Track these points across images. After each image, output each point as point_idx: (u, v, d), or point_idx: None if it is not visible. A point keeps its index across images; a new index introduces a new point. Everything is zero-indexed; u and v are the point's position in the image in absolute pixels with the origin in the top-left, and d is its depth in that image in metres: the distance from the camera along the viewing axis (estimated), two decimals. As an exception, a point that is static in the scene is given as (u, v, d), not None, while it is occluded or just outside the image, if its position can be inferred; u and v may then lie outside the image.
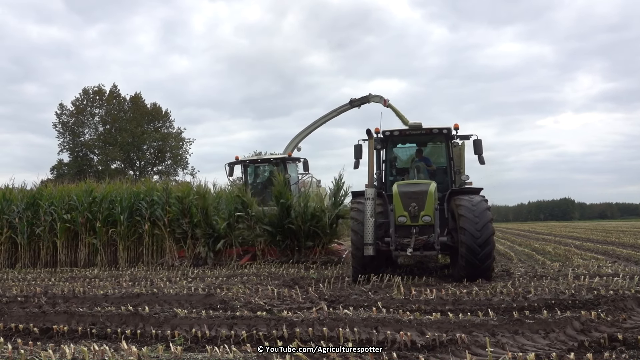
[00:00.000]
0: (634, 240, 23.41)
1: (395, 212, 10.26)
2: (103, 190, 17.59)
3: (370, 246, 9.90)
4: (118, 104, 54.69)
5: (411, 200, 10.19)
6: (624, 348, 4.98)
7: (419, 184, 10.52)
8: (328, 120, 20.45)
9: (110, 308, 7.71)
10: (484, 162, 11.12)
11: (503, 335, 5.53)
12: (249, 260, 14.47)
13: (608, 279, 10.08)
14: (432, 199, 10.20)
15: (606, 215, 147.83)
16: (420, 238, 9.98)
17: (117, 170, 48.11)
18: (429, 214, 10.17)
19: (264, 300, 8.23)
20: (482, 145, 11.11)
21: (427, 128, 11.57)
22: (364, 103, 19.62)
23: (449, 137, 11.53)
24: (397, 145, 12.34)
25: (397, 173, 12.25)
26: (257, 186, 17.82)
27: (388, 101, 18.53)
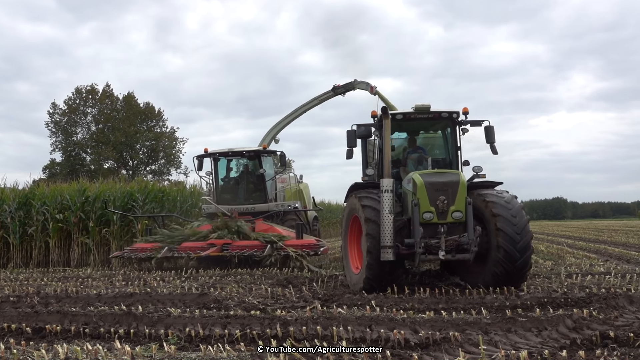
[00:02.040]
0: (626, 239, 23.56)
1: (420, 207, 8.40)
2: (96, 190, 17.57)
3: (390, 249, 8.15)
4: (111, 103, 54.52)
5: (439, 193, 8.44)
6: (616, 345, 5.02)
7: (447, 174, 8.81)
8: (310, 109, 18.85)
9: (103, 308, 7.69)
10: (496, 152, 9.77)
11: (496, 334, 5.55)
12: (216, 252, 13.31)
13: (600, 277, 10.15)
14: (463, 191, 8.49)
15: (598, 214, 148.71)
16: (450, 238, 8.32)
17: (110, 170, 47.93)
18: (460, 209, 8.41)
19: (258, 300, 8.24)
20: (495, 132, 9.79)
21: (435, 111, 9.88)
22: (348, 90, 17.89)
23: (458, 123, 9.96)
24: (394, 132, 10.52)
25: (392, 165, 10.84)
26: (229, 182, 16.58)
27: (375, 88, 16.63)
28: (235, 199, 15.99)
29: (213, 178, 16.11)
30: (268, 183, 16.04)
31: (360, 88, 17.44)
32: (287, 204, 16.06)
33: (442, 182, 8.50)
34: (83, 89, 54.04)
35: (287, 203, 16.19)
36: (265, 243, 13.31)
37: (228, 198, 16.03)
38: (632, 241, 22.04)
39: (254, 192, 16.18)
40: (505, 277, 8.43)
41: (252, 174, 16.28)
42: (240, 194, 16.21)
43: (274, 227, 14.42)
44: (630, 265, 12.71)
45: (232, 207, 15.38)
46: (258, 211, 15.44)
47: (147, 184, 19.48)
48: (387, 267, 8.36)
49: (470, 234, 8.24)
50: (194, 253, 13.18)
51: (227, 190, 16.33)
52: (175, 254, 13.43)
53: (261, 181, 15.94)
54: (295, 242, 13.39)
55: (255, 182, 16.19)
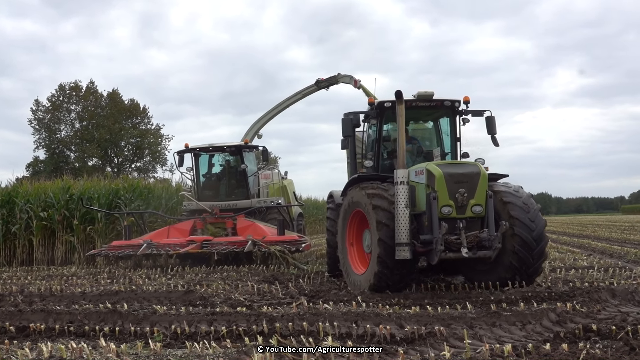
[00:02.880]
0: (609, 234, 23.85)
1: (439, 200, 7.80)
2: (80, 188, 17.43)
3: (406, 247, 7.55)
4: (95, 100, 54.05)
5: (459, 186, 7.84)
6: (598, 338, 5.08)
7: (466, 165, 8.26)
8: (293, 103, 18.63)
9: (88, 306, 7.64)
10: (498, 144, 9.35)
11: (481, 328, 5.60)
12: (196, 249, 13.14)
13: (583, 271, 10.27)
14: (484, 183, 7.93)
15: (582, 209, 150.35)
16: (470, 234, 7.80)
17: (95, 167, 47.57)
18: (480, 202, 7.85)
19: (244, 296, 8.23)
20: (496, 123, 9.37)
21: (438, 99, 9.38)
22: (332, 84, 17.61)
23: (458, 113, 9.48)
24: (389, 122, 9.93)
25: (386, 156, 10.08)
26: (211, 178, 16.40)
27: (359, 82, 16.40)
28: (216, 196, 15.86)
29: (194, 174, 15.94)
30: (250, 179, 15.90)
31: (343, 82, 17.30)
32: (270, 200, 15.87)
33: (461, 174, 7.93)
34: (66, 85, 53.52)
35: (270, 199, 15.98)
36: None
37: (209, 194, 15.88)
38: (615, 236, 22.32)
39: (235, 188, 16.06)
40: (521, 268, 8.03)
41: (234, 170, 16.13)
42: (222, 190, 16.07)
43: (255, 224, 14.32)
44: (613, 259, 12.87)
45: (213, 203, 15.24)
46: (240, 207, 15.29)
47: (133, 182, 19.37)
48: (401, 267, 7.75)
49: (492, 229, 7.77)
50: (173, 250, 13.05)
51: (208, 187, 16.15)
52: (154, 251, 13.27)
53: (243, 177, 15.80)
54: (277, 238, 13.30)
55: (237, 178, 16.05)
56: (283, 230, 13.77)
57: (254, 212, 15.30)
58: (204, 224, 14.71)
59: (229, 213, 15.02)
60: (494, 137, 9.32)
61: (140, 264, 13.68)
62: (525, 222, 7.92)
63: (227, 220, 14.78)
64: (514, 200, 8.07)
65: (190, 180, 16.23)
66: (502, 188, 8.31)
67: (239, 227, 14.45)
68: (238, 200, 15.58)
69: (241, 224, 14.49)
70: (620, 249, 15.43)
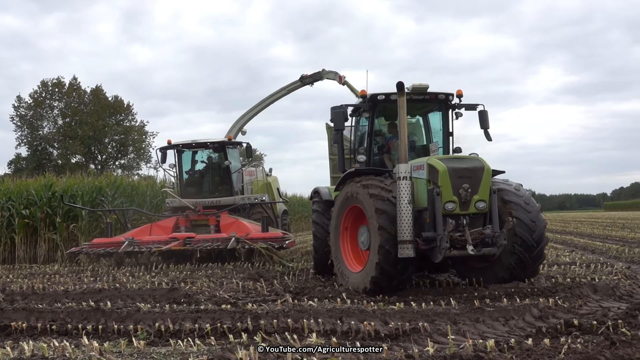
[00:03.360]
0: (591, 230, 24.13)
1: (443, 196, 7.55)
2: (63, 185, 17.25)
3: (409, 245, 7.26)
4: (78, 97, 53.50)
5: (463, 181, 7.58)
6: (579, 333, 5.15)
7: (469, 159, 7.96)
8: (277, 100, 18.50)
9: (71, 304, 7.57)
10: (490, 138, 9.17)
11: (464, 323, 5.64)
12: (179, 246, 12.98)
13: (566, 267, 10.39)
14: (488, 179, 7.73)
15: (565, 206, 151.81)
16: (475, 231, 7.53)
17: (78, 165, 47.13)
18: (484, 198, 7.63)
19: (229, 294, 8.20)
20: (488, 117, 9.17)
21: (432, 92, 9.13)
22: (316, 80, 17.55)
23: (451, 106, 9.23)
24: (380, 116, 9.68)
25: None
26: (194, 175, 16.20)
27: (344, 78, 16.42)
28: (200, 192, 15.73)
29: (177, 171, 15.80)
30: (234, 175, 15.77)
31: (328, 78, 17.26)
32: (254, 197, 15.79)
33: (465, 169, 7.68)
34: (49, 82, 52.89)
35: (254, 196, 15.90)
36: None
37: (193, 191, 15.73)
38: (597, 232, 22.59)
39: (219, 185, 15.94)
40: (520, 268, 7.92)
41: (218, 167, 16.01)
42: (205, 187, 15.92)
43: (239, 221, 14.23)
44: (595, 255, 13.03)
45: (196, 200, 15.13)
46: (223, 204, 15.18)
47: (117, 179, 19.23)
48: (402, 265, 7.45)
49: (496, 226, 7.57)
50: (155, 247, 12.92)
51: (191, 183, 16.00)
52: (135, 248, 13.11)
53: (227, 174, 15.68)
54: (261, 235, 13.21)
55: (221, 175, 15.94)
56: (267, 227, 13.67)
57: (238, 209, 15.21)
58: (187, 221, 14.59)
59: (212, 210, 14.91)
60: (487, 131, 9.16)
61: (122, 262, 13.53)
62: (527, 223, 7.78)
63: (211, 218, 14.68)
64: (516, 200, 7.93)
65: (173, 177, 16.08)
66: (503, 186, 8.11)
67: (222, 224, 14.34)
68: (221, 197, 15.47)
69: (225, 221, 14.39)
70: (602, 245, 15.62)
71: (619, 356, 3.95)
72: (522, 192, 8.17)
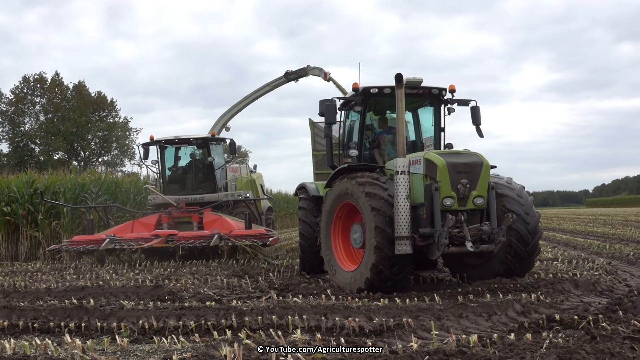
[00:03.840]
0: (573, 227, 24.42)
1: (441, 191, 7.41)
2: (45, 182, 17.06)
3: (407, 241, 7.10)
4: (61, 93, 52.96)
5: (461, 176, 7.47)
6: (561, 328, 5.22)
7: (468, 154, 7.84)
8: (262, 95, 18.42)
9: (53, 302, 7.50)
10: (482, 135, 9.09)
11: (448, 319, 5.68)
12: (161, 243, 12.76)
13: (548, 263, 10.50)
14: (487, 174, 7.62)
15: (548, 202, 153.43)
16: (473, 227, 7.39)
17: (61, 161, 46.60)
18: (482, 194, 7.53)
19: (214, 291, 8.19)
20: (480, 114, 9.07)
21: (425, 87, 8.92)
22: (301, 76, 17.54)
23: (444, 102, 9.09)
24: (371, 110, 9.51)
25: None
26: (177, 171, 16.00)
27: (329, 74, 16.40)
28: (182, 189, 15.57)
29: (159, 167, 15.64)
30: (217, 172, 15.62)
31: (313, 74, 17.20)
32: (238, 194, 15.62)
33: (464, 164, 7.55)
34: (31, 77, 52.29)
35: (238, 193, 15.74)
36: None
37: (175, 188, 15.58)
38: (579, 228, 22.87)
39: (202, 181, 15.79)
40: (516, 262, 7.85)
41: (201, 163, 15.84)
42: (188, 184, 15.77)
43: (222, 218, 14.08)
44: (577, 251, 13.18)
45: (179, 197, 14.98)
46: (207, 201, 15.02)
47: (100, 176, 19.05)
48: (400, 262, 7.30)
49: (494, 222, 7.47)
50: (136, 244, 12.71)
51: (174, 180, 15.84)
52: (117, 245, 12.89)
53: (210, 170, 15.52)
54: (244, 232, 13.09)
55: (204, 172, 15.78)
56: (250, 224, 13.51)
57: (221, 206, 15.05)
58: (170, 218, 14.43)
59: (195, 207, 14.77)
60: (479, 128, 9.06)
61: (103, 260, 13.32)
62: (521, 215, 7.72)
63: (194, 215, 14.54)
64: (509, 193, 7.89)
65: (156, 174, 15.91)
66: (495, 179, 8.06)
67: (205, 222, 14.17)
68: (205, 194, 15.30)
69: (208, 218, 14.22)
70: (584, 241, 15.81)
71: (599, 350, 4.00)
72: (514, 185, 8.16)
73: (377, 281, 7.40)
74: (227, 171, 16.36)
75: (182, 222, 14.59)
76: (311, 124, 12.09)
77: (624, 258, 11.02)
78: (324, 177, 10.98)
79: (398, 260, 7.27)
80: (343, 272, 8.15)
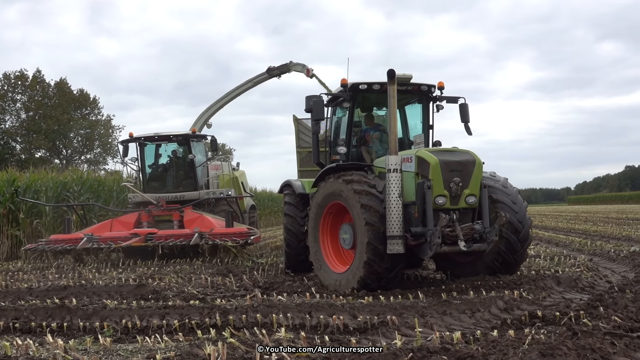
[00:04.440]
0: (555, 224, 24.67)
1: (433, 190, 7.29)
2: (26, 180, 16.86)
3: (399, 240, 7.03)
4: (42, 90, 52.33)
5: (454, 174, 7.38)
6: (543, 324, 5.28)
7: (460, 152, 7.74)
8: (243, 92, 18.16)
9: (35, 301, 7.41)
10: (471, 132, 9.03)
11: (432, 316, 5.71)
12: (140, 242, 12.59)
13: (530, 260, 10.58)
14: (479, 173, 7.56)
15: (530, 200, 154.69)
16: (465, 226, 7.30)
17: (42, 159, 46.11)
18: (474, 193, 7.45)
19: (197, 289, 8.15)
20: (469, 111, 9.00)
21: (415, 83, 8.81)
22: (284, 72, 17.33)
23: (432, 99, 8.99)
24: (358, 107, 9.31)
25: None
26: (157, 169, 15.70)
27: (312, 70, 16.26)
28: (163, 187, 15.34)
29: (139, 164, 15.36)
30: (198, 169, 15.36)
31: (296, 70, 17.04)
32: (220, 192, 15.37)
33: (457, 162, 7.46)
34: (11, 74, 51.59)
35: (220, 191, 15.50)
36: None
37: (156, 186, 15.37)
38: (560, 225, 23.11)
39: (183, 179, 15.52)
40: (509, 253, 7.82)
41: (182, 160, 15.59)
42: (169, 182, 15.51)
43: (203, 216, 13.84)
44: (559, 248, 13.32)
45: (159, 195, 14.74)
46: (188, 199, 14.76)
47: (82, 174, 18.87)
48: (392, 262, 7.23)
49: (486, 221, 7.39)
50: (115, 244, 12.42)
51: (154, 178, 15.61)
52: (94, 245, 12.57)
53: (191, 168, 15.28)
54: (224, 231, 12.85)
55: (185, 169, 15.53)
56: (231, 222, 13.27)
57: (203, 204, 14.82)
58: (150, 216, 14.16)
59: (176, 205, 14.53)
60: (467, 125, 9.00)
61: (80, 259, 12.92)
62: (509, 205, 7.74)
63: (174, 213, 14.30)
64: (494, 184, 7.87)
65: (135, 171, 15.66)
66: (491, 182, 7.94)
67: (186, 220, 13.94)
68: (186, 192, 15.03)
69: (188, 216, 13.98)
70: (566, 238, 15.99)
71: (581, 346, 4.05)
72: (498, 177, 8.14)
73: (370, 279, 7.32)
74: (209, 169, 16.12)
75: (163, 220, 14.35)
76: (295, 121, 12.02)
77: (605, 255, 11.16)
78: (308, 174, 10.95)
79: (390, 260, 7.19)
80: (333, 274, 8.01)
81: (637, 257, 10.06)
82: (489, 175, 8.09)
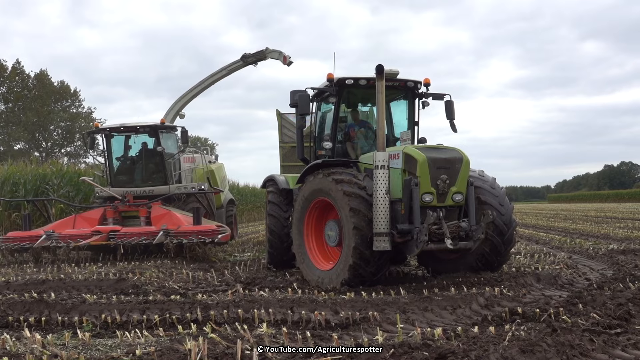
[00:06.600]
0: (536, 221, 24.94)
1: (420, 187, 7.26)
2: (5, 172, 16.63)
3: (385, 237, 7.00)
4: (22, 81, 51.59)
5: (441, 172, 7.34)
6: (523, 320, 5.32)
7: (447, 150, 7.70)
8: (217, 81, 17.52)
9: (12, 296, 7.30)
10: (456, 130, 8.99)
11: (413, 312, 5.73)
12: (101, 240, 11.87)
13: (511, 257, 10.66)
14: (466, 170, 7.52)
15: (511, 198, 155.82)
16: (452, 224, 7.28)
17: (21, 152, 45.46)
18: (461, 190, 7.43)
19: (179, 284, 8.09)
20: (454, 108, 8.97)
21: (401, 79, 8.73)
22: (260, 60, 16.68)
23: (418, 95, 8.90)
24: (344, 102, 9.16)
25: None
26: (125, 162, 14.85)
27: (289, 58, 15.78)
28: (131, 181, 14.55)
29: (106, 157, 14.68)
30: (169, 162, 14.63)
31: (272, 57, 16.48)
32: (191, 186, 14.41)
33: (444, 159, 7.43)
34: (-10, 65, 50.78)
35: (191, 185, 14.56)
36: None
37: (123, 180, 14.57)
38: (540, 223, 23.36)
39: (153, 173, 14.70)
40: (493, 255, 7.83)
41: (151, 153, 14.72)
42: (137, 175, 14.68)
43: (171, 212, 13.03)
44: (539, 245, 13.46)
45: (126, 189, 13.95)
46: (157, 194, 13.98)
47: (62, 167, 18.66)
48: (378, 259, 7.21)
49: (472, 219, 7.37)
50: (74, 242, 11.74)
51: (122, 171, 14.79)
52: (54, 242, 11.87)
53: (160, 160, 14.46)
54: (192, 229, 11.92)
55: (155, 162, 14.65)
56: (199, 219, 12.28)
57: (173, 199, 14.00)
58: (116, 212, 13.35)
59: (144, 200, 13.67)
60: (453, 122, 8.96)
61: (39, 258, 12.18)
62: (496, 206, 7.68)
63: (141, 209, 13.33)
64: (482, 185, 7.82)
65: (101, 164, 15.04)
66: (479, 182, 7.92)
67: (153, 216, 13.10)
68: (155, 186, 14.25)
69: (156, 213, 13.09)
70: (546, 235, 16.16)
71: (560, 342, 4.08)
72: (486, 177, 8.13)
73: (354, 282, 7.30)
74: (182, 162, 15.31)
75: (130, 216, 13.53)
76: (279, 115, 11.88)
77: (584, 252, 11.30)
78: (291, 169, 10.87)
79: (376, 264, 7.20)
80: (317, 271, 7.95)
81: (615, 255, 10.19)
82: (478, 175, 8.05)
